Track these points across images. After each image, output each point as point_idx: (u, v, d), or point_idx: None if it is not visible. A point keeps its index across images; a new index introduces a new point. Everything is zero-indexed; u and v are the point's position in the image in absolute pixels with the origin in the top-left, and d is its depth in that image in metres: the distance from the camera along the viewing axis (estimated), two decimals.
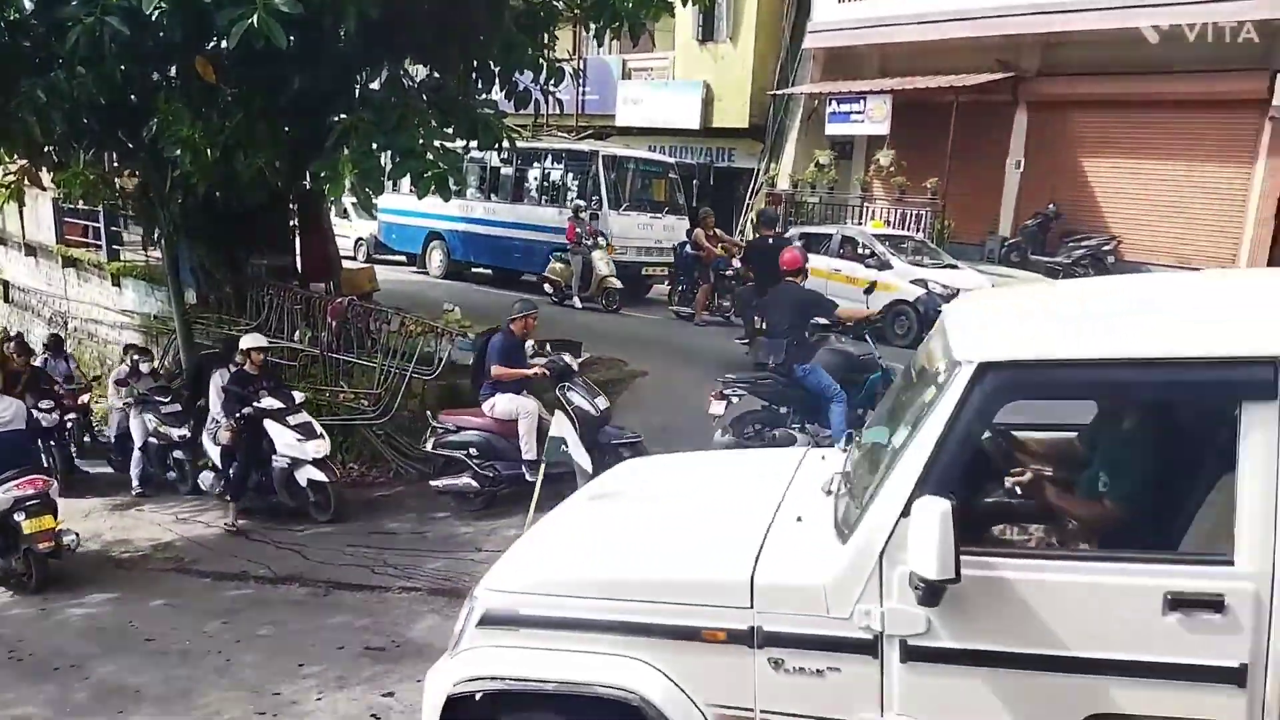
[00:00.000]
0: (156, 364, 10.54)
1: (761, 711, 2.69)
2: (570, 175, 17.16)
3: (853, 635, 2.56)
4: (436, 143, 8.68)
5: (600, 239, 15.10)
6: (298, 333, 10.65)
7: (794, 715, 2.65)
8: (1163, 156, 15.31)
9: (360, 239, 21.69)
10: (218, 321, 11.24)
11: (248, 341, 8.64)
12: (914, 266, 13.08)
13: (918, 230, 16.38)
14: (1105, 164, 16.05)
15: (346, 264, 14.50)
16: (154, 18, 7.06)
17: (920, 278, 12.57)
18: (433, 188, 8.46)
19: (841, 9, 18.12)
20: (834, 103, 17.98)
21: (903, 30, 17.17)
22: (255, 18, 6.60)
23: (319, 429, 8.44)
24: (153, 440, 9.81)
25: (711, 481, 3.90)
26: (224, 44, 7.47)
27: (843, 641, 2.57)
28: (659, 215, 16.83)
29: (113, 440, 10.88)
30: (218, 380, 8.99)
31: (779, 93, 19.66)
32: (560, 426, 5.36)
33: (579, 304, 14.98)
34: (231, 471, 8.55)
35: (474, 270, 18.63)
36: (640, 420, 8.51)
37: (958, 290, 12.57)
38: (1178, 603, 2.33)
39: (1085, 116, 16.17)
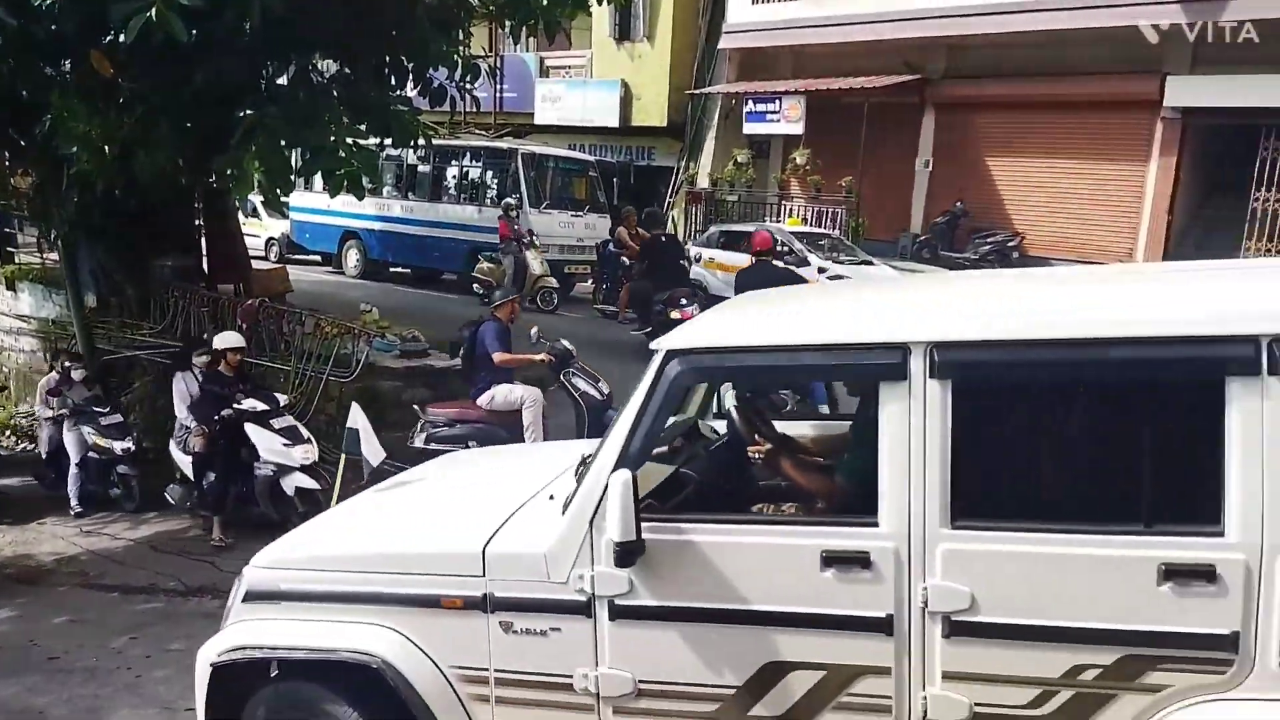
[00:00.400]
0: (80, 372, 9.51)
1: (495, 670, 2.92)
2: (489, 174, 17.01)
3: (570, 598, 2.80)
4: (349, 140, 8.50)
5: (534, 238, 15.00)
6: (205, 335, 10.31)
7: (523, 673, 2.89)
8: (1063, 156, 15.97)
9: (272, 239, 21.11)
10: (119, 326, 10.80)
11: (223, 341, 8.01)
12: (831, 263, 13.35)
13: (834, 228, 16.75)
14: (1009, 163, 16.65)
15: (257, 264, 14.10)
16: (45, 8, 6.75)
17: (837, 274, 12.84)
18: (345, 186, 8.28)
19: (755, 10, 18.40)
20: (750, 102, 18.24)
21: (814, 32, 17.54)
22: (153, 10, 6.35)
23: (305, 433, 7.84)
24: (92, 455, 8.85)
25: (502, 468, 4.20)
26: (121, 37, 7.18)
27: (562, 604, 2.81)
28: (580, 214, 16.80)
29: (44, 456, 9.82)
30: (181, 385, 8.35)
31: (696, 92, 19.86)
32: (356, 418, 5.38)
33: None
34: (206, 483, 7.83)
35: (392, 270, 18.31)
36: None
37: None
38: (830, 560, 2.59)
39: (989, 118, 16.75)
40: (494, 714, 2.95)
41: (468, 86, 10.07)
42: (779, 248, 13.68)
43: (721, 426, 3.89)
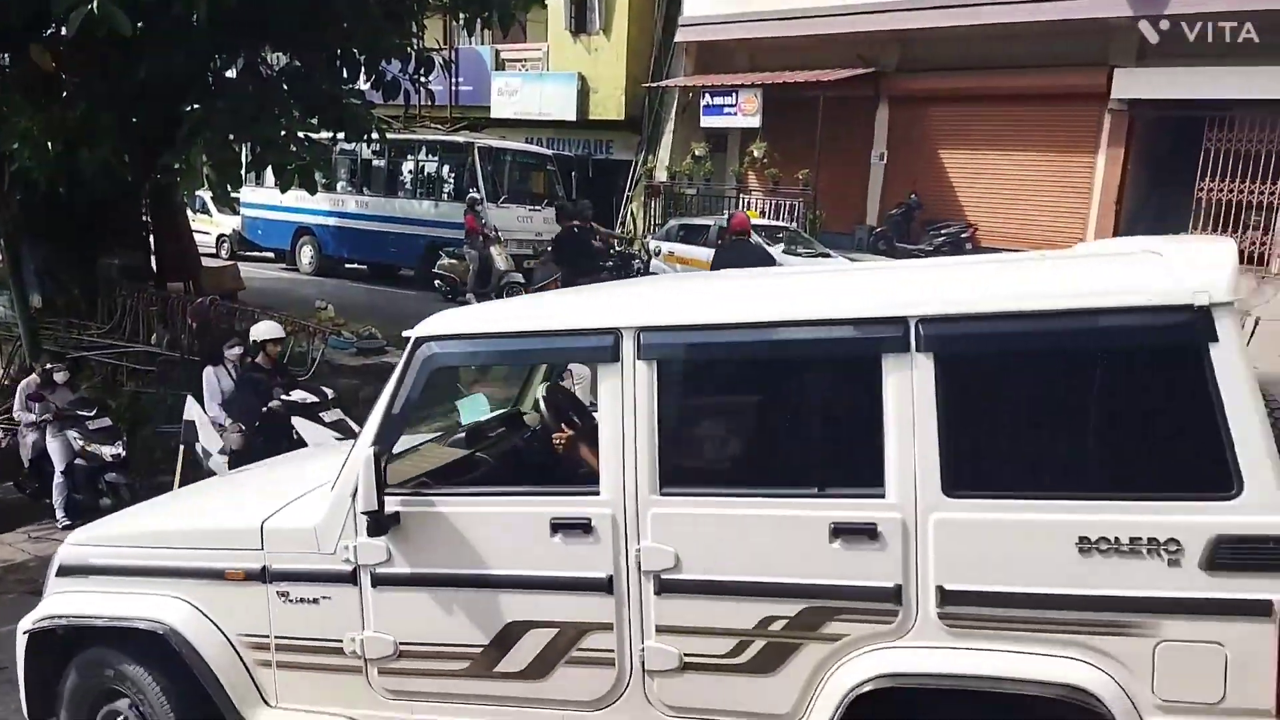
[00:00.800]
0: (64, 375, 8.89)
1: (275, 636, 3.15)
2: (446, 168, 16.86)
3: (337, 568, 3.02)
4: (300, 134, 8.37)
5: (499, 233, 14.89)
6: (154, 335, 10.10)
7: (299, 638, 3.12)
8: (1014, 148, 16.22)
9: (223, 235, 20.75)
10: (66, 326, 10.54)
11: (263, 331, 7.45)
12: (789, 256, 13.44)
13: (791, 220, 16.85)
14: (961, 155, 16.88)
15: (208, 262, 13.86)
16: None
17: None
18: (297, 180, 8.16)
19: (711, 3, 18.41)
20: (708, 95, 18.27)
21: (769, 26, 17.61)
22: (95, 3, 6.21)
23: (355, 426, 7.51)
24: (80, 462, 8.24)
25: (321, 455, 4.50)
26: (63, 30, 7.00)
27: (330, 573, 3.03)
28: (538, 208, 16.72)
29: (27, 464, 9.23)
30: (212, 380, 7.69)
31: (653, 85, 19.83)
32: (191, 410, 5.35)
33: (475, 301, 14.74)
34: None
35: (348, 266, 18.09)
36: None
37: None
38: (558, 527, 2.81)
39: (942, 110, 16.95)
40: (275, 677, 3.18)
41: (422, 79, 9.97)
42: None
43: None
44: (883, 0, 16.13)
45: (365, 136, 9.88)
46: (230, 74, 9.30)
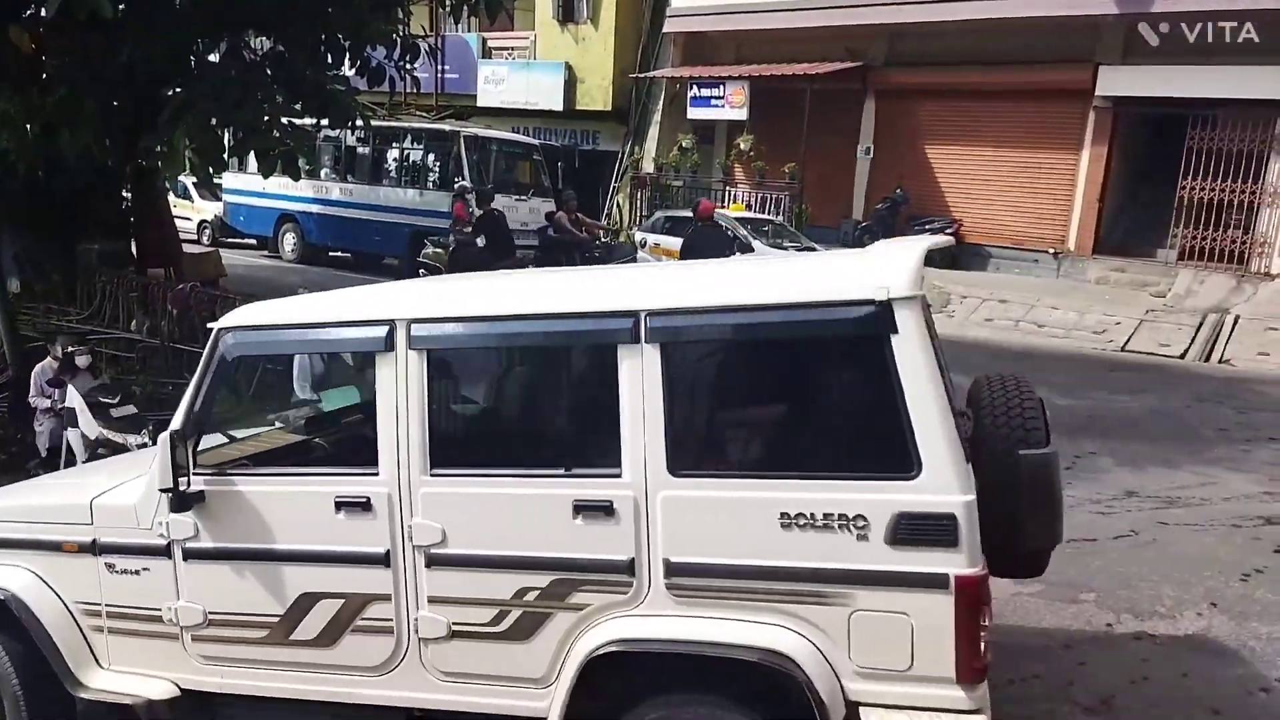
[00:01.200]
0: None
1: (105, 605, 3.40)
2: (431, 156, 16.76)
3: (154, 542, 3.26)
4: (284, 119, 8.28)
5: None
6: (134, 322, 9.99)
7: (125, 607, 3.36)
8: (999, 144, 16.28)
9: (204, 221, 20.57)
10: (45, 312, 10.42)
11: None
12: (774, 249, 13.44)
13: (778, 214, 16.86)
14: (947, 150, 16.92)
15: (189, 248, 13.71)
16: None
17: None
18: (280, 166, 8.08)
19: None
20: (695, 87, 18.23)
21: (757, 17, 17.60)
22: None
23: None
24: (102, 452, 7.60)
25: None
26: (43, 12, 6.90)
27: (148, 547, 3.27)
28: (524, 198, 16.64)
29: (43, 454, 8.84)
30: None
31: (641, 76, 19.77)
32: (72, 398, 5.37)
33: None
34: None
35: (331, 254, 17.97)
36: None
37: None
38: (341, 504, 3.01)
39: (928, 105, 16.99)
40: (107, 642, 3.43)
41: (407, 66, 9.89)
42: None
43: None
44: None
45: (350, 123, 9.78)
46: (213, 58, 9.18)
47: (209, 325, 3.27)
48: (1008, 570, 3.08)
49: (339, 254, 17.92)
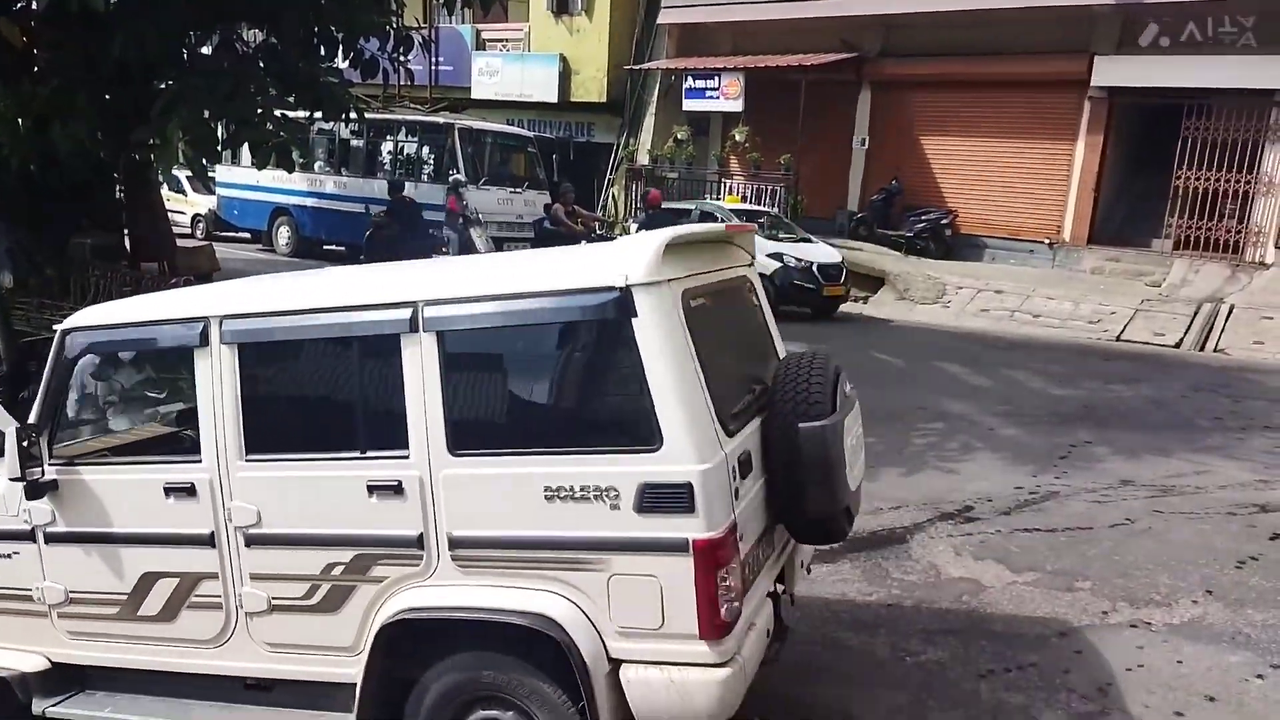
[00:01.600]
0: None
1: None
2: (426, 149, 16.70)
3: (20, 527, 3.47)
4: (277, 112, 8.25)
5: (478, 214, 14.78)
6: None
7: (3, 587, 3.56)
8: (994, 134, 16.27)
9: (198, 215, 20.49)
10: (39, 307, 10.38)
11: None
12: (770, 241, 13.42)
13: (773, 205, 16.84)
14: (943, 141, 16.91)
15: (183, 242, 13.68)
16: None
17: (776, 251, 12.91)
18: (274, 159, 8.04)
19: None
20: (690, 79, 18.19)
21: (752, 9, 17.55)
22: None
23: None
24: None
25: None
26: (34, 5, 6.85)
27: (16, 533, 3.48)
28: (519, 190, 16.61)
29: None
30: None
31: (635, 68, 19.72)
32: None
33: None
34: None
35: (325, 248, 17.91)
36: None
37: (812, 263, 13.05)
38: (169, 490, 3.25)
39: (923, 96, 16.97)
40: None
41: (401, 59, 9.84)
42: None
43: None
44: None
45: (343, 116, 9.74)
46: (206, 51, 9.13)
47: (54, 327, 3.49)
48: (806, 537, 3.37)
49: (333, 247, 17.86)
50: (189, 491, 3.21)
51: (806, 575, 3.99)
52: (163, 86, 8.32)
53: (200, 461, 3.21)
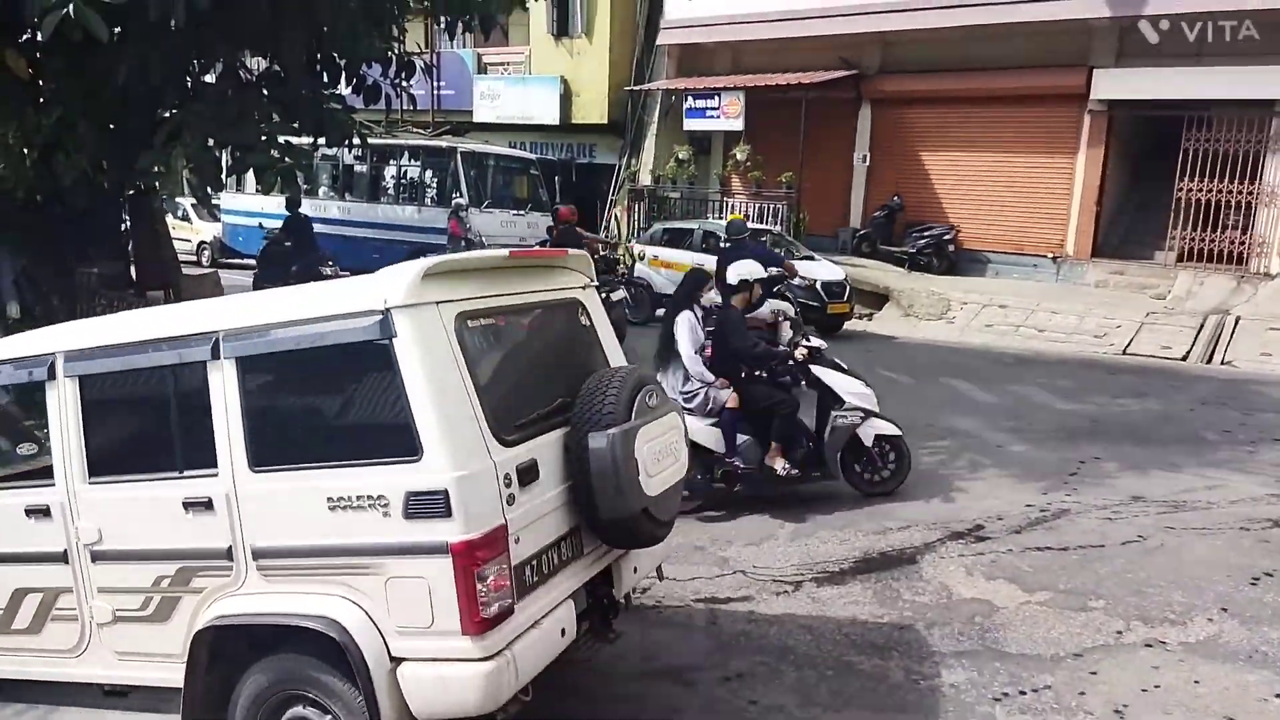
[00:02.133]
0: None
1: None
2: (429, 173, 16.77)
3: None
4: (281, 138, 8.27)
5: (483, 238, 14.82)
6: None
7: None
8: (995, 149, 16.28)
9: (203, 242, 20.58)
10: None
11: (750, 270, 6.73)
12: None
13: (775, 223, 16.83)
14: (944, 157, 16.94)
15: (188, 270, 13.70)
16: None
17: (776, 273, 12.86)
18: (279, 184, 8.06)
19: (692, 6, 18.41)
20: (690, 99, 18.25)
21: (751, 28, 17.64)
22: (70, 7, 6.10)
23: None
24: None
25: None
26: (38, 35, 6.89)
27: None
28: (522, 212, 16.66)
29: None
30: (685, 328, 6.46)
31: (636, 89, 19.81)
32: None
33: None
34: (741, 447, 6.35)
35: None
36: None
37: (815, 280, 13.03)
38: (29, 511, 3.56)
39: (923, 112, 17.01)
40: None
41: (403, 84, 9.88)
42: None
43: None
44: (863, 2, 16.20)
45: (346, 141, 9.78)
46: (209, 79, 9.18)
47: None
48: (611, 539, 3.54)
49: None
50: (45, 513, 3.53)
51: (659, 580, 4.26)
52: (166, 114, 8.35)
53: (53, 485, 3.52)
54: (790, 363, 6.49)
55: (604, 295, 11.03)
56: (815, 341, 6.64)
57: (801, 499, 6.42)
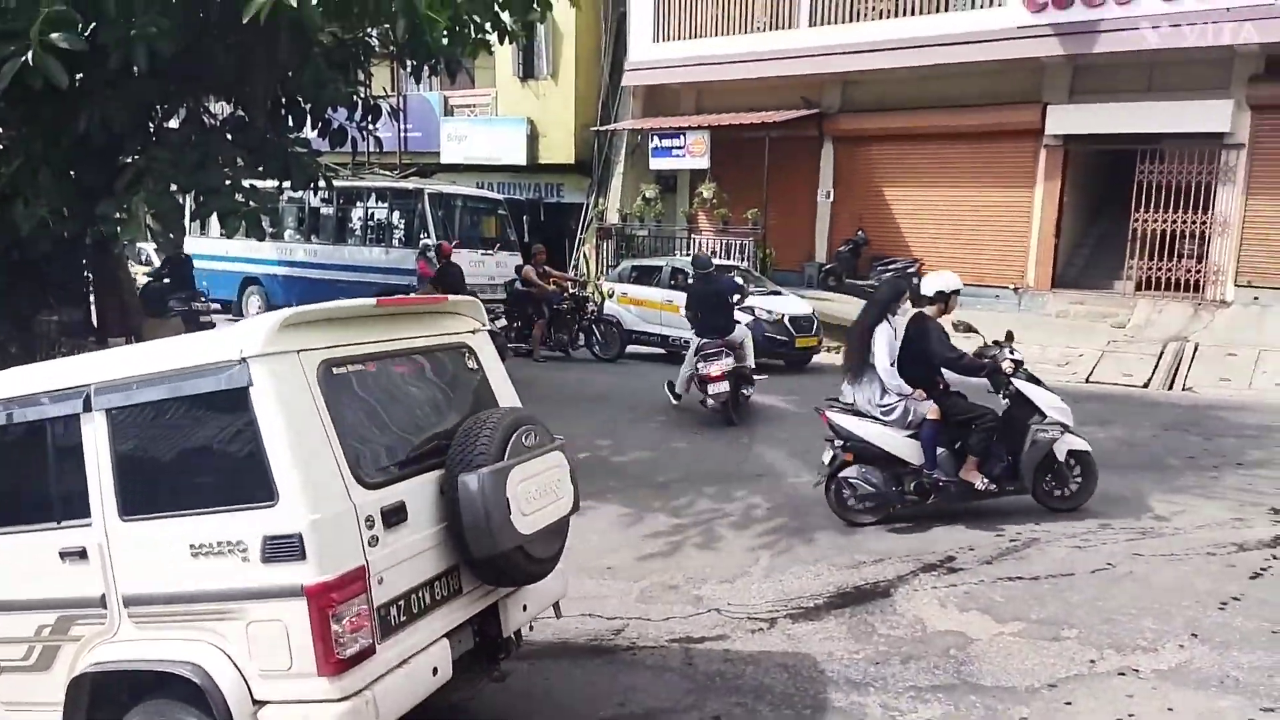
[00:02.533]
0: None
1: None
2: (396, 214, 16.75)
3: None
4: (246, 182, 8.25)
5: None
6: None
7: None
8: (956, 184, 16.58)
9: None
10: None
11: (949, 281, 6.87)
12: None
13: (743, 259, 16.99)
14: (905, 192, 17.22)
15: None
16: None
17: (747, 305, 12.98)
18: (243, 228, 8.02)
19: (656, 48, 18.70)
20: (656, 138, 18.46)
21: (714, 69, 17.93)
22: (30, 55, 6.08)
23: None
24: None
25: None
26: None
27: None
28: (490, 252, 16.66)
29: None
30: (883, 340, 6.51)
31: (602, 129, 20.01)
32: None
33: None
34: (938, 467, 6.45)
35: None
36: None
37: (784, 315, 13.14)
38: None
39: (884, 149, 17.31)
40: None
41: (369, 127, 9.91)
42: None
43: None
44: (824, 44, 16.53)
45: (312, 185, 9.77)
46: (172, 124, 9.15)
47: None
48: (485, 577, 3.57)
49: None
50: None
51: (556, 618, 4.26)
52: (129, 160, 8.31)
53: None
54: (997, 374, 6.59)
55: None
56: (1018, 354, 6.71)
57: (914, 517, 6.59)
